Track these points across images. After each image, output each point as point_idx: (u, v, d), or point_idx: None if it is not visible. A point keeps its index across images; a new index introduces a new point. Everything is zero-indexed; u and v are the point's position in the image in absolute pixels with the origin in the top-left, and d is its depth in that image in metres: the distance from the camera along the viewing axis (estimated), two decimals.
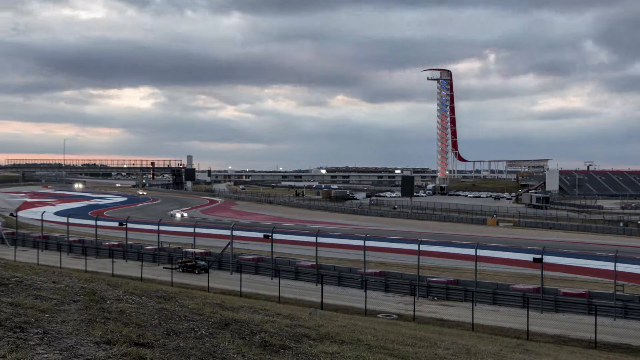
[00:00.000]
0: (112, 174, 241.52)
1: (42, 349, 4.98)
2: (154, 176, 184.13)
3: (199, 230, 41.20)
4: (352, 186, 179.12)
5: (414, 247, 29.69)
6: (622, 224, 73.87)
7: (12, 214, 54.36)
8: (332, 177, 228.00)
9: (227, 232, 38.21)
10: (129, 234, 41.85)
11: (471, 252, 28.77)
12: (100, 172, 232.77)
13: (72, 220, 48.07)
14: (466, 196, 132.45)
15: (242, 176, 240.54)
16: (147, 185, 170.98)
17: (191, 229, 40.32)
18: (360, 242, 33.73)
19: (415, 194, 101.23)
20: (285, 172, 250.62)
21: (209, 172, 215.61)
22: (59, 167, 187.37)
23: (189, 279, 31.50)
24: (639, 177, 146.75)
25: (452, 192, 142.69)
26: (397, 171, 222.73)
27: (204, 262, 34.73)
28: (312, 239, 34.65)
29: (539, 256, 26.75)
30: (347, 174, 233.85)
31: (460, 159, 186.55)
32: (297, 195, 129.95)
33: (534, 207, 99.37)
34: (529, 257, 29.80)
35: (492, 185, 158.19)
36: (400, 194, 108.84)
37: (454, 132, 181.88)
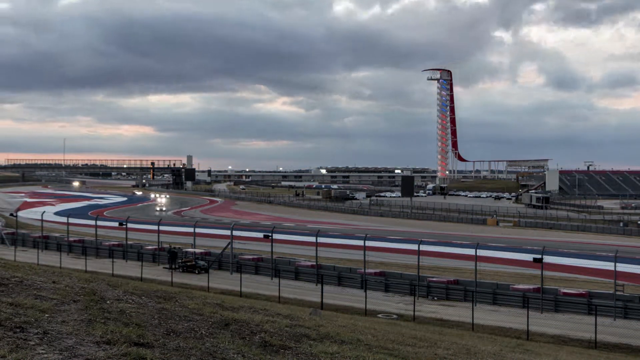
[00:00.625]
0: (112, 174, 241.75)
1: (42, 349, 4.98)
2: (154, 176, 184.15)
3: (199, 230, 41.16)
4: (352, 186, 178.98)
5: (414, 247, 29.63)
6: (622, 224, 73.87)
7: (12, 214, 54.28)
8: (332, 177, 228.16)
9: (227, 232, 38.17)
10: (129, 234, 41.85)
11: (471, 252, 28.73)
12: (100, 172, 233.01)
13: (72, 220, 48.04)
14: (466, 196, 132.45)
15: (242, 176, 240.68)
16: (147, 185, 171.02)
17: (191, 229, 40.32)
18: (360, 242, 33.68)
19: (415, 194, 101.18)
20: (285, 172, 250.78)
21: (209, 172, 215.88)
22: (59, 167, 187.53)
23: (189, 279, 31.49)
24: (639, 177, 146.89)
25: (452, 192, 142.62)
26: (397, 171, 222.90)
27: (204, 262, 34.73)
28: (312, 239, 34.60)
29: (539, 256, 26.70)
30: (347, 174, 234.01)
31: (460, 159, 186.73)
32: (297, 195, 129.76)
33: (534, 207, 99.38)
34: (529, 257, 29.73)
35: (492, 185, 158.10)
36: (400, 194, 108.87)
37: (454, 132, 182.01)
